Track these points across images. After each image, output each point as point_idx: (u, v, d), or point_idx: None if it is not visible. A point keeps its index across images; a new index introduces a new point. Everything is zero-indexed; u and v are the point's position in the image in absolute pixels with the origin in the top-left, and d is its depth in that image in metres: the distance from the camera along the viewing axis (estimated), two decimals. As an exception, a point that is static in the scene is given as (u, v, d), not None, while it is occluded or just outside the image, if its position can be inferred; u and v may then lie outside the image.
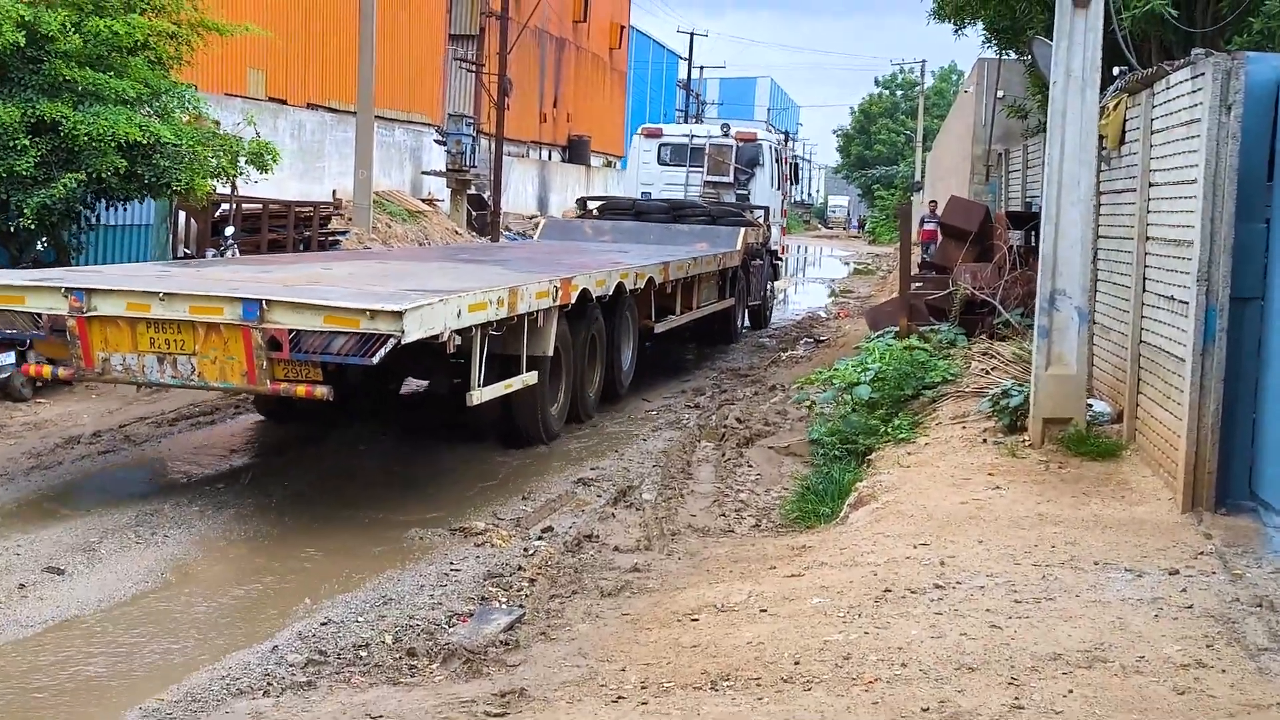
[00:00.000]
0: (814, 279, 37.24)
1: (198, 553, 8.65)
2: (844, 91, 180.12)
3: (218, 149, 14.55)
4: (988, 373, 11.83)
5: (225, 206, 23.17)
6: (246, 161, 14.84)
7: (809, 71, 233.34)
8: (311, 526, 9.36)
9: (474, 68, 40.75)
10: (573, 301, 12.12)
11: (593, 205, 23.44)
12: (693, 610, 6.90)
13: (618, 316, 14.34)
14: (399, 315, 8.61)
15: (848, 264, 52.91)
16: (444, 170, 37.15)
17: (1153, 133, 9.63)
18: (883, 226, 78.50)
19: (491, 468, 11.41)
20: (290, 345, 8.87)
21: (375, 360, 8.70)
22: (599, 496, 10.37)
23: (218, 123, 21.22)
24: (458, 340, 9.54)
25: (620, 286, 13.71)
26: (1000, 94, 27.96)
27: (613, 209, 22.58)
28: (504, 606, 7.46)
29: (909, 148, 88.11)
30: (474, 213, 39.03)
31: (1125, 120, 10.69)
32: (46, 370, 9.93)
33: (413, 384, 14.22)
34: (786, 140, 30.34)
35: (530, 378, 11.24)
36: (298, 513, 9.67)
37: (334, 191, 31.67)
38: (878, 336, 14.46)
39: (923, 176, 67.92)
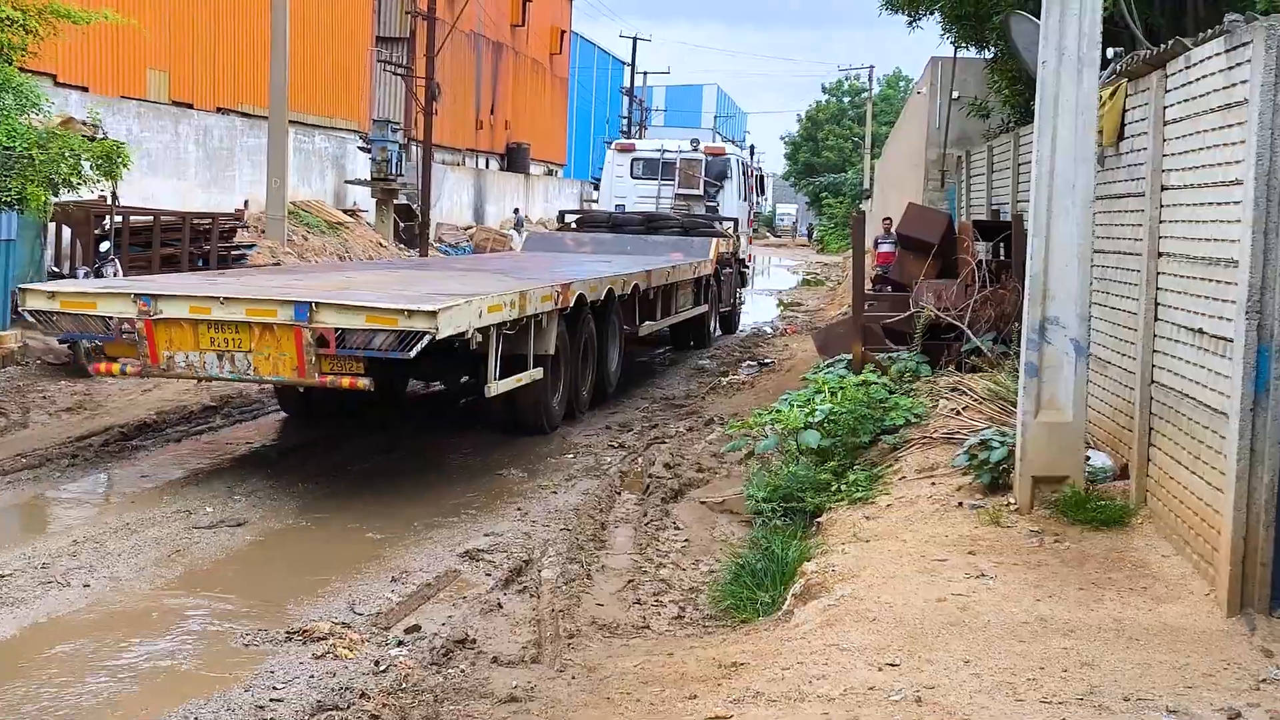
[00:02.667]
0: (761, 290, 35.45)
1: None
2: (791, 99, 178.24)
3: (58, 153, 12.36)
4: (959, 413, 9.94)
5: (118, 218, 21.06)
6: (92, 166, 12.63)
7: (755, 79, 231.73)
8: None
9: (402, 71, 38.63)
10: (571, 305, 13.22)
11: (571, 219, 25.08)
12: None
13: (607, 320, 15.39)
14: (433, 314, 9.83)
15: (796, 274, 51.14)
16: (369, 179, 35.11)
17: (1166, 123, 7.77)
18: (831, 235, 76.97)
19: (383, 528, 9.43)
20: (336, 342, 10.05)
21: (412, 354, 9.92)
22: (487, 575, 8.39)
23: (96, 125, 19.17)
24: (479, 338, 10.75)
25: (610, 292, 14.90)
26: (955, 95, 26.24)
27: (591, 222, 24.00)
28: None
29: (857, 154, 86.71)
30: (402, 224, 36.95)
31: (1125, 110, 8.84)
32: (115, 368, 10.88)
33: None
34: (752, 154, 31.33)
35: (537, 373, 12.35)
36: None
37: (245, 201, 29.53)
38: (828, 365, 12.55)
39: (872, 184, 66.34)
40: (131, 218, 21.24)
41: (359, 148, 35.40)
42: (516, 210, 47.80)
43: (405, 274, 15.20)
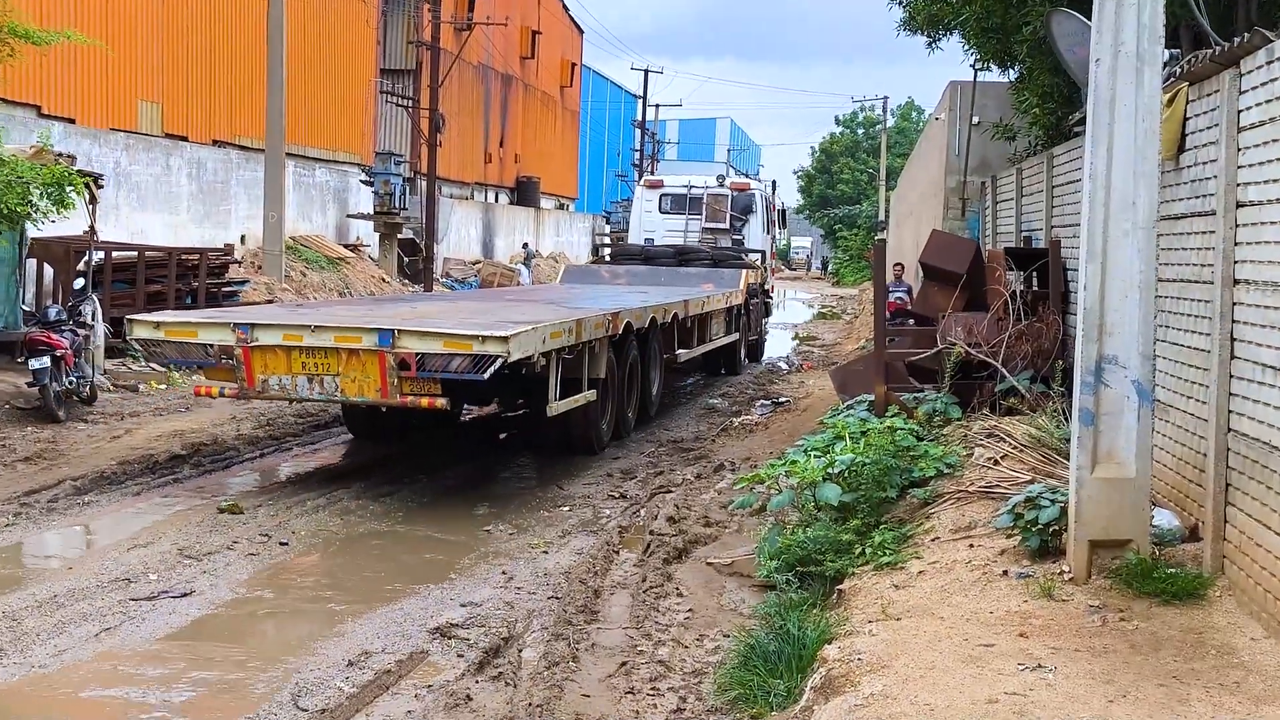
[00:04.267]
0: (775, 324, 34.24)
1: None
2: (804, 132, 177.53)
3: (4, 181, 11.34)
4: (996, 462, 8.82)
5: (98, 254, 20.06)
6: (42, 195, 11.60)
7: (769, 112, 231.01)
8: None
9: (405, 102, 37.72)
10: (620, 332, 13.98)
11: (605, 252, 27.13)
12: None
13: (649, 347, 16.15)
14: (505, 340, 10.65)
15: (810, 307, 49.98)
16: (371, 213, 34.16)
17: (1241, 130, 6.68)
18: (847, 268, 75.93)
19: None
20: (416, 365, 10.86)
21: (486, 376, 10.68)
22: (459, 657, 7.28)
23: (72, 157, 18.20)
24: (542, 362, 11.52)
25: (653, 320, 15.72)
26: (975, 120, 25.21)
27: (624, 255, 25.10)
28: None
29: (872, 186, 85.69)
30: (406, 258, 36.00)
31: (1186, 119, 7.76)
32: (215, 390, 11.86)
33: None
34: (774, 189, 31.19)
35: (590, 395, 13.20)
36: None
37: (242, 237, 28.59)
38: (847, 407, 11.43)
39: (887, 216, 65.31)
40: (115, 254, 20.29)
41: (361, 181, 34.46)
42: (526, 245, 46.79)
43: (463, 304, 16.36)
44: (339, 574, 9.11)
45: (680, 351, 18.05)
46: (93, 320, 18.01)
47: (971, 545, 7.77)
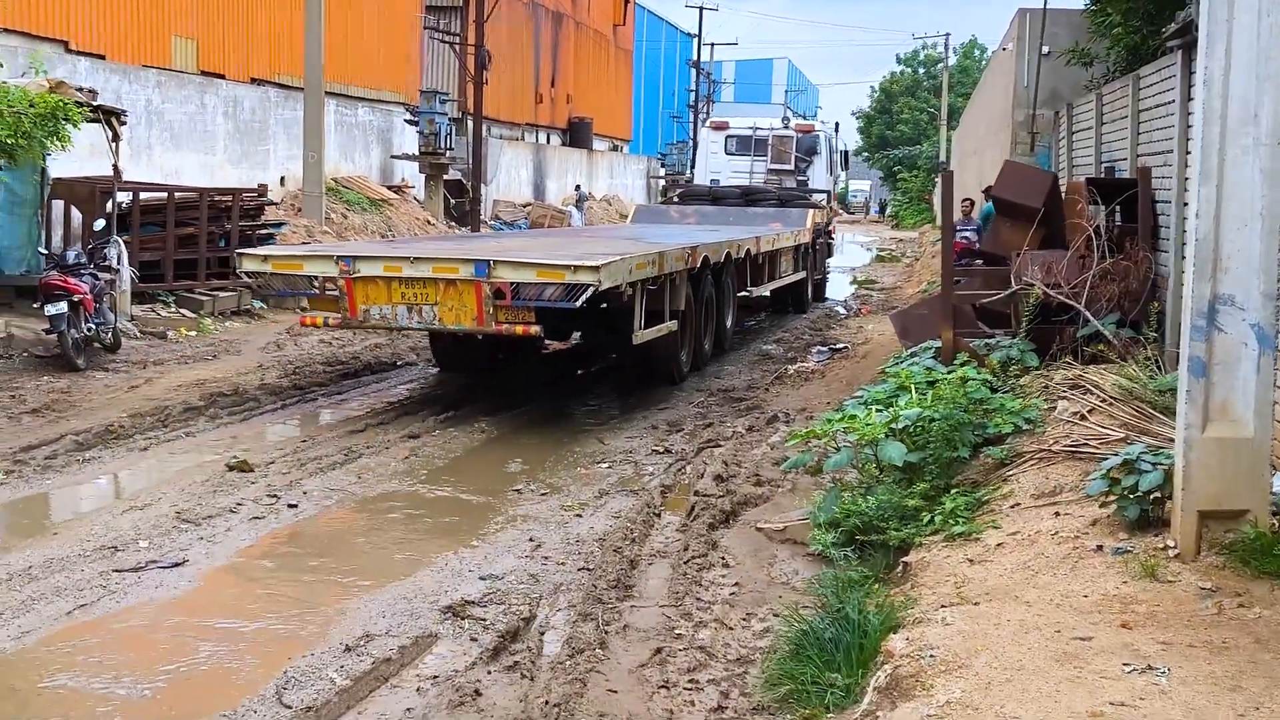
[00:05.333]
0: (833, 267, 32.95)
1: None
2: (863, 73, 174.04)
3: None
4: (1083, 418, 7.82)
5: (124, 197, 19.28)
6: (35, 127, 10.75)
7: (827, 51, 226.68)
8: None
9: (450, 38, 36.67)
10: (697, 266, 14.31)
11: (673, 193, 27.71)
12: None
13: (722, 282, 16.45)
14: (596, 269, 10.95)
15: (868, 250, 48.67)
16: (416, 154, 33.24)
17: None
18: (907, 210, 74.38)
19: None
20: (511, 294, 11.24)
21: (579, 304, 11.07)
22: (473, 641, 6.40)
23: (94, 91, 17.41)
24: (629, 291, 11.91)
25: (727, 256, 15.98)
26: (1045, 49, 23.92)
27: (692, 195, 25.30)
28: None
29: (933, 126, 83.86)
30: (452, 200, 35.07)
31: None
32: (319, 320, 12.32)
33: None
34: (837, 130, 31.60)
35: (672, 325, 13.47)
36: None
37: (281, 178, 27.74)
38: (910, 354, 10.43)
39: (948, 156, 63.72)
40: (143, 195, 19.50)
41: (406, 120, 33.50)
42: (578, 187, 45.73)
43: (546, 240, 16.97)
44: (348, 541, 8.25)
45: (752, 288, 18.61)
46: (118, 264, 17.29)
47: (1058, 514, 6.79)
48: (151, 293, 18.86)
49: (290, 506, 8.89)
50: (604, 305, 12.00)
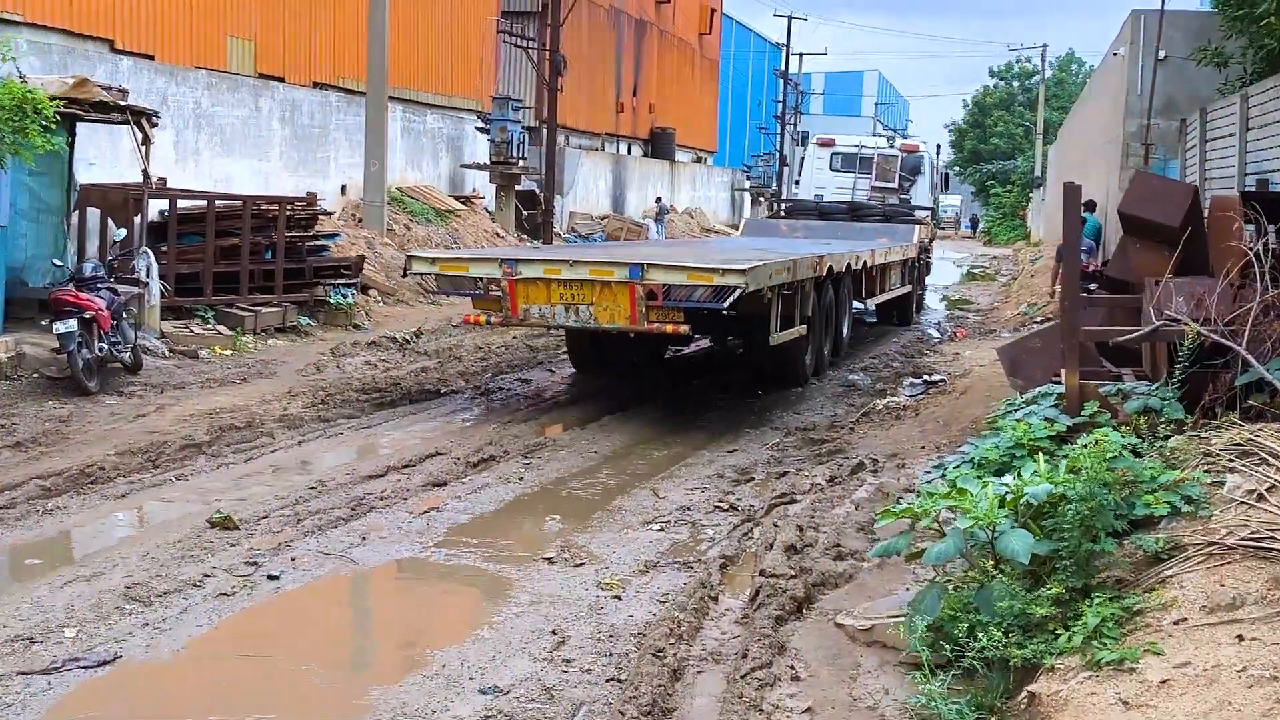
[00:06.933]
0: (926, 285, 31.04)
1: None
2: (956, 84, 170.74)
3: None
4: (1262, 497, 6.05)
5: (162, 205, 18.00)
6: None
7: (918, 62, 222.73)
8: None
9: (525, 42, 35.24)
10: (824, 275, 15.06)
11: (781, 208, 28.28)
12: None
13: (840, 292, 16.98)
14: (744, 273, 11.85)
15: (960, 267, 46.55)
16: (487, 163, 31.87)
17: None
18: (999, 226, 72.04)
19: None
20: (663, 295, 12.10)
21: (726, 305, 11.93)
22: (451, 798, 4.80)
23: (124, 90, 16.12)
24: (769, 296, 12.74)
25: (847, 266, 16.62)
26: (1162, 54, 22.02)
27: (799, 210, 25.87)
28: None
29: (1027, 141, 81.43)
30: (525, 212, 33.66)
31: None
32: (482, 318, 13.02)
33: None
34: (939, 151, 33.15)
35: (802, 329, 14.24)
36: None
37: (343, 186, 26.47)
38: (1028, 402, 8.65)
39: (1043, 172, 61.43)
40: (181, 202, 18.18)
41: (477, 128, 32.17)
42: (659, 199, 44.10)
43: (678, 250, 17.32)
44: (329, 630, 6.71)
45: (866, 299, 19.32)
46: (146, 276, 15.98)
47: (1241, 637, 5.05)
48: (189, 308, 17.52)
49: (270, 578, 7.34)
50: (740, 310, 12.38)
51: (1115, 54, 24.93)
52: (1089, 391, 8.22)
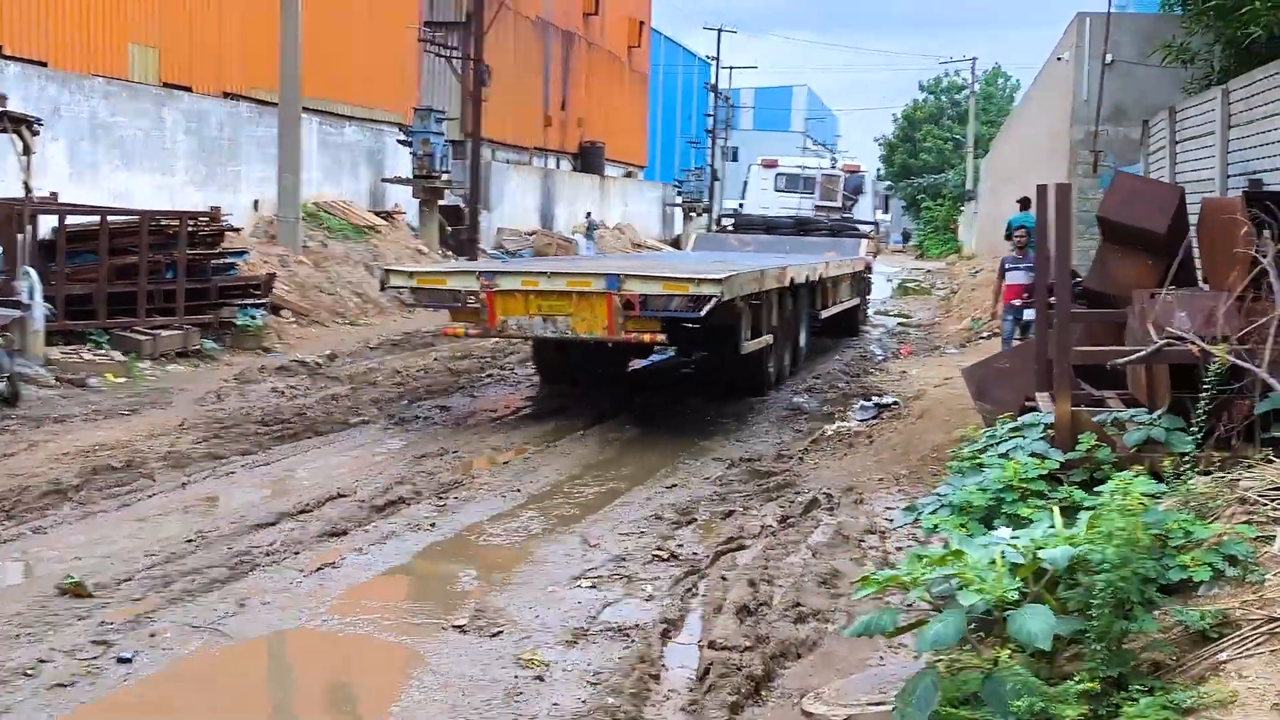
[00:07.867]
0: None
1: None
2: (885, 99, 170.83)
3: None
4: (1318, 556, 4.97)
5: (51, 221, 16.60)
6: None
7: (847, 77, 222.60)
8: None
9: (446, 52, 33.98)
10: (788, 285, 15.60)
11: (727, 222, 27.71)
12: None
13: (799, 304, 17.24)
14: (719, 282, 12.00)
15: (891, 281, 45.66)
16: (409, 177, 30.57)
17: None
18: (930, 240, 71.54)
19: None
20: (640, 305, 12.24)
21: (703, 314, 12.05)
22: None
23: (2, 96, 14.78)
24: (740, 305, 13.32)
25: (806, 278, 16.88)
26: (1109, 58, 21.19)
27: (746, 225, 26.16)
28: None
29: (958, 154, 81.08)
30: (450, 227, 32.38)
31: None
32: (461, 330, 13.27)
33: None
34: (878, 175, 33.46)
35: (769, 339, 14.91)
36: None
37: (255, 202, 25.08)
38: (1011, 431, 7.55)
39: (975, 185, 60.90)
40: (70, 218, 16.79)
41: (399, 141, 30.85)
42: (589, 214, 42.91)
43: (655, 262, 17.87)
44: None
45: (821, 310, 19.40)
46: (29, 298, 14.61)
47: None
48: (80, 331, 16.14)
49: (121, 661, 6.08)
50: (713, 320, 12.42)
51: (1059, 59, 24.11)
52: (1082, 422, 7.14)
